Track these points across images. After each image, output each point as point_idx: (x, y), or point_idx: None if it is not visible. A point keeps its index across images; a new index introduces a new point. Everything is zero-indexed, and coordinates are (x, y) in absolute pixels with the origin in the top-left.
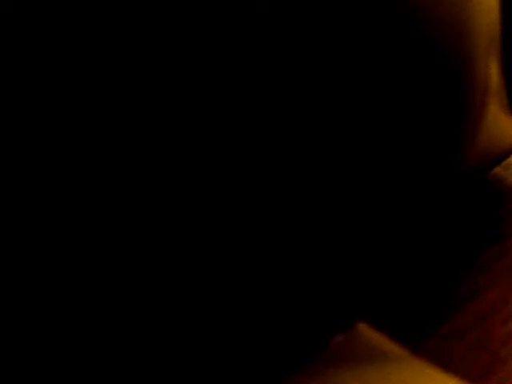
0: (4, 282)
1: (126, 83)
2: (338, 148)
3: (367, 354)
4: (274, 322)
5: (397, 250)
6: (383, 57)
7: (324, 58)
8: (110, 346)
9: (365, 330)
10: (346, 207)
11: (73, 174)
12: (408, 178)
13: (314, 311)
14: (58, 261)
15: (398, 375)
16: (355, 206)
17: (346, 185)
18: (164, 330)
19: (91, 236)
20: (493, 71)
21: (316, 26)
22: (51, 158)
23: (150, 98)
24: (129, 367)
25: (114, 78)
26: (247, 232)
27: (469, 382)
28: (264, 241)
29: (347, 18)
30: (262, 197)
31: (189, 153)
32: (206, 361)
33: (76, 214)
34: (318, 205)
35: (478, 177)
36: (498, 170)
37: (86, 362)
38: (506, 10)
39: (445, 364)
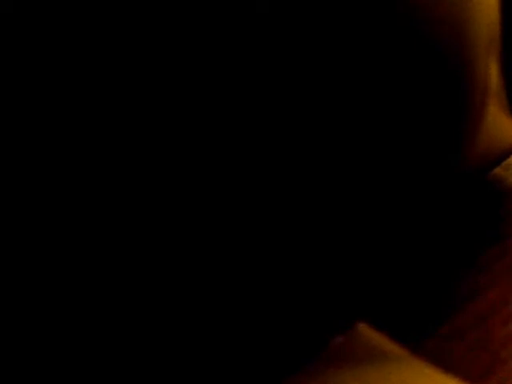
0: (4, 282)
1: (126, 83)
2: (338, 148)
3: (367, 354)
4: (274, 322)
5: (397, 250)
6: (383, 57)
7: (324, 58)
8: (110, 346)
9: (365, 330)
10: (345, 207)
11: (73, 174)
12: (408, 178)
13: (314, 311)
14: (57, 261)
15: (398, 375)
16: (355, 206)
17: (346, 185)
18: (164, 329)
19: (91, 236)
20: (493, 71)
21: (316, 25)
22: (51, 157)
23: (150, 97)
24: (129, 367)
25: (114, 78)
26: (247, 232)
27: (469, 382)
28: (264, 241)
29: (347, 17)
30: (262, 197)
31: (189, 153)
32: (206, 361)
33: (76, 214)
34: (317, 205)
35: (478, 177)
36: (497, 170)
37: (86, 361)
38: (506, 9)
39: (445, 364)
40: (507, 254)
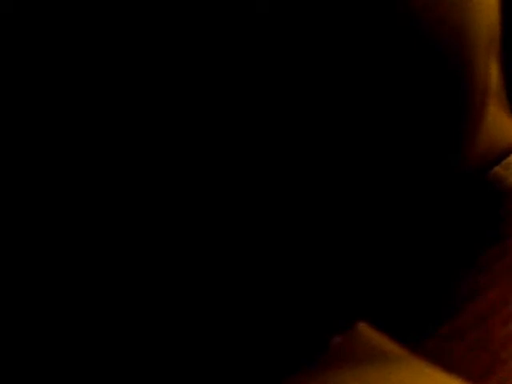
0: (4, 282)
1: (126, 83)
2: (338, 149)
3: (367, 354)
4: (275, 322)
5: (397, 250)
6: (383, 57)
7: (324, 58)
8: (110, 346)
9: (365, 330)
10: (346, 207)
11: (73, 174)
12: (408, 178)
13: (314, 311)
14: (58, 261)
15: (398, 375)
16: (355, 207)
17: (346, 185)
18: (164, 330)
19: (91, 236)
20: (493, 71)
21: (316, 26)
22: (51, 157)
23: (150, 97)
24: (129, 367)
25: (114, 78)
26: (247, 233)
27: (469, 382)
28: (264, 241)
29: (347, 18)
30: (263, 197)
31: (189, 153)
32: (206, 361)
33: (76, 214)
34: (318, 205)
35: (477, 177)
36: (497, 169)
37: (86, 361)
38: (506, 9)
39: (445, 364)
40: (507, 253)
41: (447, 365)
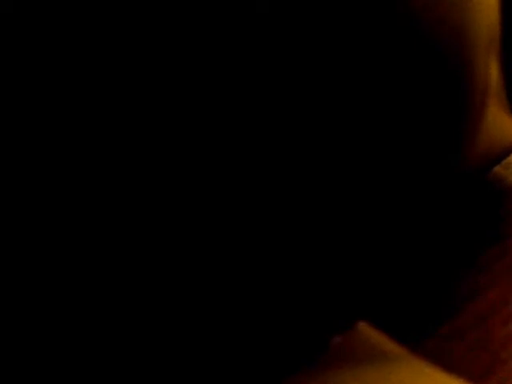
0: (4, 282)
1: (125, 83)
2: (338, 149)
3: (367, 353)
4: (275, 322)
5: (397, 250)
6: (383, 57)
7: (324, 58)
8: (109, 346)
9: (365, 330)
10: (346, 207)
11: (73, 174)
12: (408, 178)
13: (314, 311)
14: (58, 261)
15: (398, 375)
16: (355, 206)
17: (346, 185)
18: (164, 330)
19: (91, 236)
20: (493, 71)
21: (316, 26)
22: (51, 158)
23: (150, 97)
24: (129, 367)
25: (113, 78)
26: (247, 233)
27: (469, 382)
28: (264, 241)
29: (347, 18)
30: (262, 197)
31: (189, 153)
32: (206, 361)
33: (76, 214)
34: (317, 205)
35: (478, 177)
36: (497, 169)
37: (86, 361)
38: (506, 9)
39: (445, 364)
40: (507, 253)
41: (447, 365)
